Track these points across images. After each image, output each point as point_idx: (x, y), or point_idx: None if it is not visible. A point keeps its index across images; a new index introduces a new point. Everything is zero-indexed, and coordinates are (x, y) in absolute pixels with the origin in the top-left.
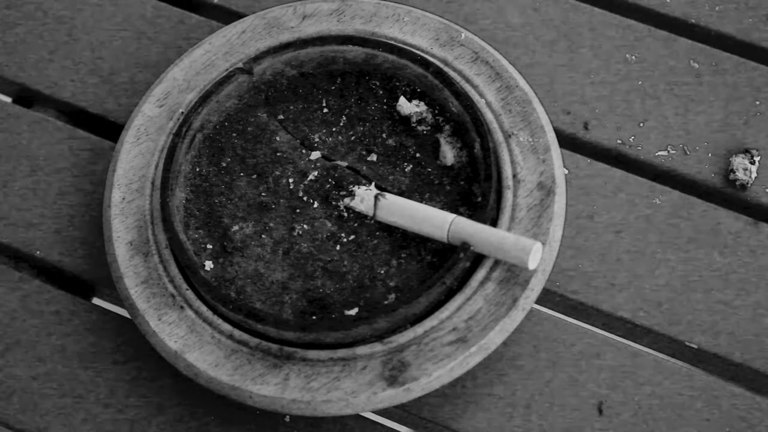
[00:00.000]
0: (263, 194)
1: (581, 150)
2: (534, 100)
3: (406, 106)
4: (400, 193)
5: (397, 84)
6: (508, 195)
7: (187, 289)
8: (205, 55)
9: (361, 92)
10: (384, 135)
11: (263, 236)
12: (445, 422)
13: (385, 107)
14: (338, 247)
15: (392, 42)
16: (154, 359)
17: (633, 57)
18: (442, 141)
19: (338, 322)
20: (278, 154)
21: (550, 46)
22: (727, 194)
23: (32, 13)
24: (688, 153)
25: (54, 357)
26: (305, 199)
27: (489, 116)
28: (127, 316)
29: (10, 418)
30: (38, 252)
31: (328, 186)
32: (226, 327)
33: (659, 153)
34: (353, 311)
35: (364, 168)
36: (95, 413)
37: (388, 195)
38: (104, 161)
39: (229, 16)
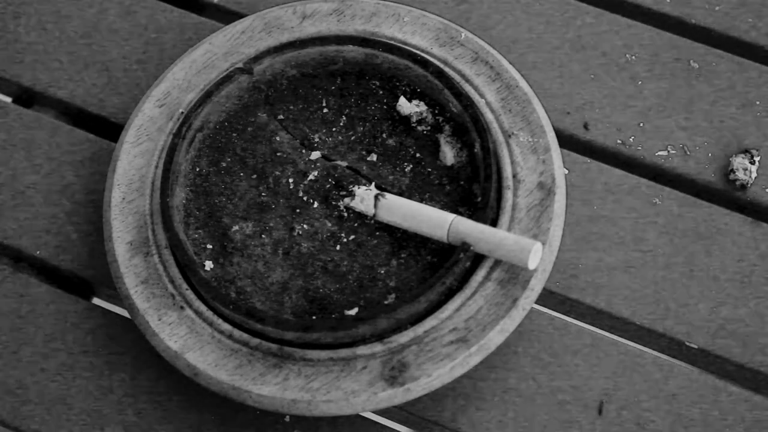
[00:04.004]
0: (263, 194)
1: (581, 150)
2: (534, 100)
3: (406, 106)
4: (400, 193)
5: (397, 84)
6: (508, 195)
7: (187, 289)
8: (205, 55)
9: (361, 92)
10: (384, 135)
11: (263, 236)
12: (445, 422)
13: (385, 107)
14: (338, 247)
15: (392, 42)
16: (154, 359)
17: (633, 57)
18: (442, 141)
19: (338, 322)
20: (278, 154)
21: (550, 46)
22: (727, 194)
23: (32, 13)
24: (688, 153)
25: (53, 357)
26: (305, 199)
27: (489, 116)
28: (127, 316)
29: (10, 417)
30: (38, 252)
31: (328, 186)
32: (226, 327)
33: (659, 153)
34: (353, 311)
35: (364, 168)
36: (95, 413)
37: (388, 195)
38: (104, 161)
39: (229, 16)
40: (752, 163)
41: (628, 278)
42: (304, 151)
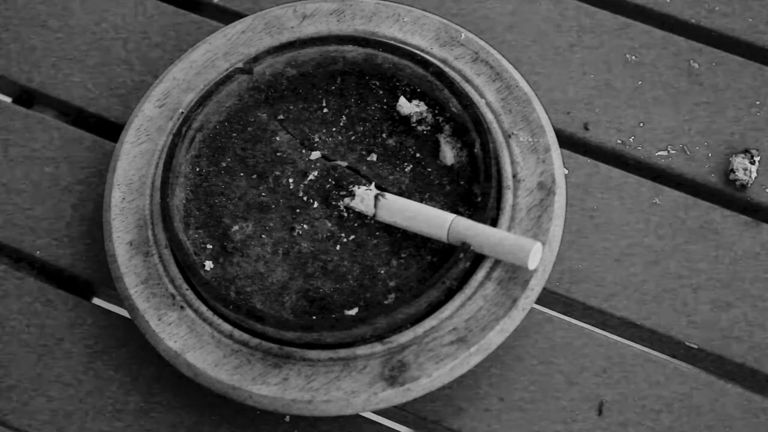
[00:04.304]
0: (263, 194)
1: (581, 150)
2: (534, 100)
3: (406, 106)
4: (400, 193)
5: (397, 84)
6: (508, 195)
7: (187, 289)
8: (205, 55)
9: (361, 92)
10: (384, 135)
11: (263, 236)
12: (445, 422)
13: (385, 107)
14: (338, 247)
15: (392, 42)
16: (154, 359)
17: (633, 57)
18: (442, 141)
19: (338, 322)
20: (278, 154)
21: (551, 46)
22: (727, 194)
23: (32, 13)
24: (688, 153)
25: (54, 357)
26: (305, 199)
27: (489, 116)
28: (127, 316)
29: (10, 417)
30: (38, 252)
31: (328, 186)
32: (226, 327)
33: (659, 153)
34: (353, 311)
35: (364, 168)
36: (95, 413)
37: (388, 195)
38: (104, 161)
39: (229, 16)
40: (752, 163)
41: (628, 278)
42: (304, 151)
